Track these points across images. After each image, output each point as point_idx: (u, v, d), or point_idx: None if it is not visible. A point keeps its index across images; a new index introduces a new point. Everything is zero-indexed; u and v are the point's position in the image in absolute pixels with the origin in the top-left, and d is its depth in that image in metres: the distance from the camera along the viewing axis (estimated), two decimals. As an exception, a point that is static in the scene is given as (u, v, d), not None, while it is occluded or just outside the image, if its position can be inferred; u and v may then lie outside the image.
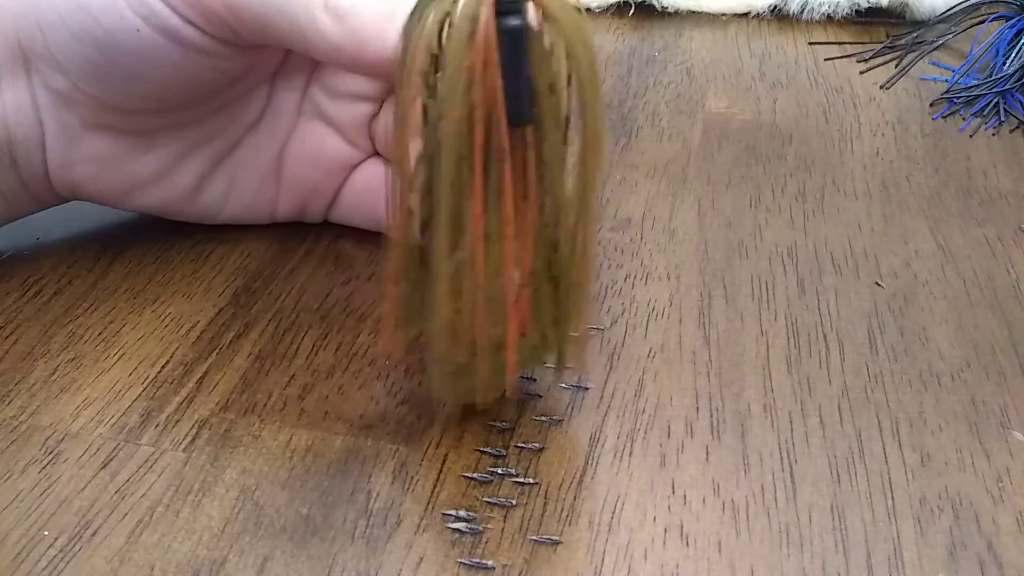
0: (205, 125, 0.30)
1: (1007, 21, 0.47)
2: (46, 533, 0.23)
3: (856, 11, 0.52)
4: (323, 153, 0.32)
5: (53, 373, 0.27)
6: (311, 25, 0.25)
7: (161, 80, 0.28)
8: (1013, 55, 0.45)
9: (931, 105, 0.44)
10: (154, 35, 0.26)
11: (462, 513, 0.23)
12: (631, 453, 0.25)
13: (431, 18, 0.20)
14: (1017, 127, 0.42)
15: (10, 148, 0.29)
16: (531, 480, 0.24)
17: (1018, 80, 0.44)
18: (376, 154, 0.33)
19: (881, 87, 0.46)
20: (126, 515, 0.23)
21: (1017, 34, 0.46)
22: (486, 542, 0.23)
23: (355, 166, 0.32)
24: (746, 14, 0.53)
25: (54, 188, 0.30)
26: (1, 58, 0.28)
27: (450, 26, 0.20)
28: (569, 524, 0.23)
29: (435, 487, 0.24)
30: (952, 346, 0.29)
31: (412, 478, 0.24)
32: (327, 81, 0.31)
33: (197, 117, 0.30)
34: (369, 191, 0.33)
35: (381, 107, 0.31)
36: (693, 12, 0.54)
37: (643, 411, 0.26)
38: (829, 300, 0.31)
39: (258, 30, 0.26)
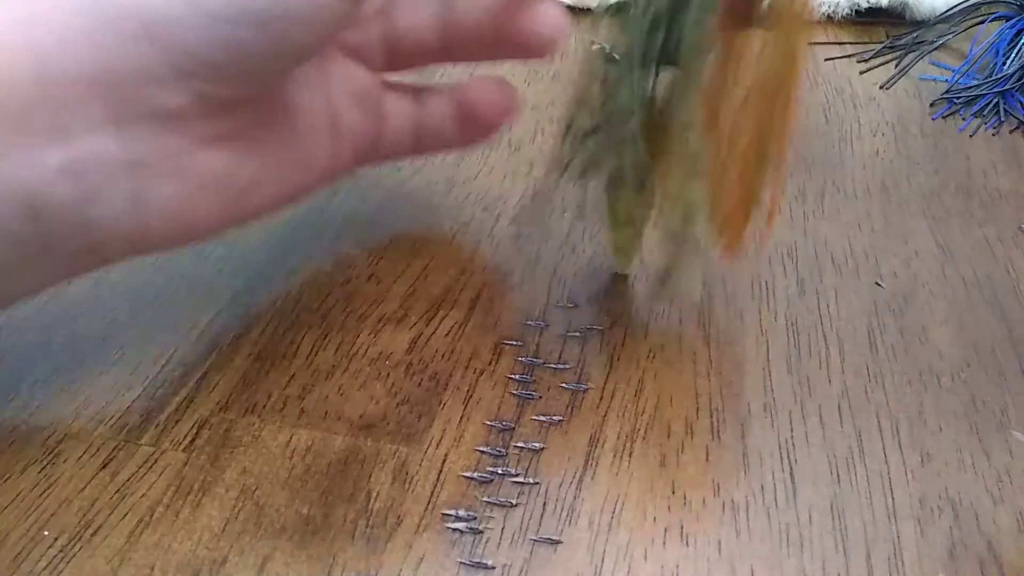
0: (277, 98, 0.28)
1: (1007, 21, 0.47)
2: (46, 533, 0.23)
3: (856, 11, 0.52)
4: (357, 87, 0.30)
5: (53, 373, 0.27)
6: None
7: (306, 36, 0.25)
8: (1013, 55, 0.45)
9: (931, 105, 0.44)
10: None
11: (462, 513, 0.23)
12: (631, 453, 0.25)
13: None
14: (1017, 127, 0.42)
15: (78, 204, 0.23)
16: (531, 480, 0.24)
17: (1018, 80, 0.44)
18: (387, 81, 0.32)
19: (881, 87, 0.46)
20: (126, 515, 0.23)
21: (1017, 34, 0.46)
22: (486, 542, 0.23)
23: (381, 95, 0.31)
24: (746, 14, 0.53)
25: (113, 246, 0.25)
26: (71, 106, 0.23)
27: None
28: (569, 524, 0.23)
29: (435, 487, 0.24)
30: (952, 346, 0.29)
31: (412, 478, 0.24)
32: None
33: (272, 90, 0.27)
34: (403, 124, 0.32)
35: (388, 18, 0.30)
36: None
37: (643, 411, 0.26)
38: (829, 300, 0.31)
39: None
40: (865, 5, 0.52)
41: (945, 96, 0.44)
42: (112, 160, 0.23)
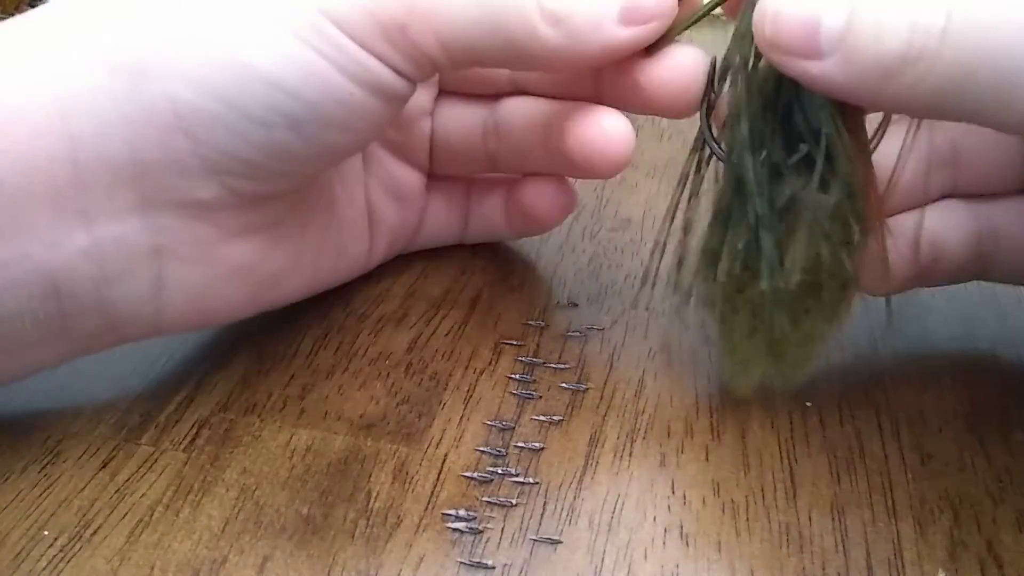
0: (315, 192, 0.28)
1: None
2: (46, 533, 0.23)
3: (856, 11, 0.52)
4: (398, 184, 0.30)
5: (53, 373, 0.27)
6: (529, 37, 0.23)
7: (344, 141, 0.24)
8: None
9: (931, 105, 0.44)
10: (362, 94, 0.23)
11: (462, 513, 0.23)
12: (631, 453, 0.25)
13: None
14: (1017, 127, 0.42)
15: (99, 287, 0.23)
16: (531, 480, 0.24)
17: (1018, 80, 0.44)
18: (435, 175, 0.31)
19: (881, 87, 0.46)
20: (126, 515, 0.23)
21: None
22: (486, 542, 0.23)
23: (425, 193, 0.31)
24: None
25: (132, 327, 0.25)
26: (100, 191, 0.23)
27: None
28: (569, 524, 0.23)
29: (435, 487, 0.24)
30: (952, 346, 0.29)
31: (412, 478, 0.24)
32: None
33: (310, 185, 0.27)
34: (448, 218, 0.32)
35: (432, 122, 0.30)
36: (693, 12, 0.54)
37: (643, 411, 0.26)
38: (829, 300, 0.31)
39: (462, 58, 0.24)
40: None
41: (945, 96, 0.44)
42: (136, 245, 0.23)
